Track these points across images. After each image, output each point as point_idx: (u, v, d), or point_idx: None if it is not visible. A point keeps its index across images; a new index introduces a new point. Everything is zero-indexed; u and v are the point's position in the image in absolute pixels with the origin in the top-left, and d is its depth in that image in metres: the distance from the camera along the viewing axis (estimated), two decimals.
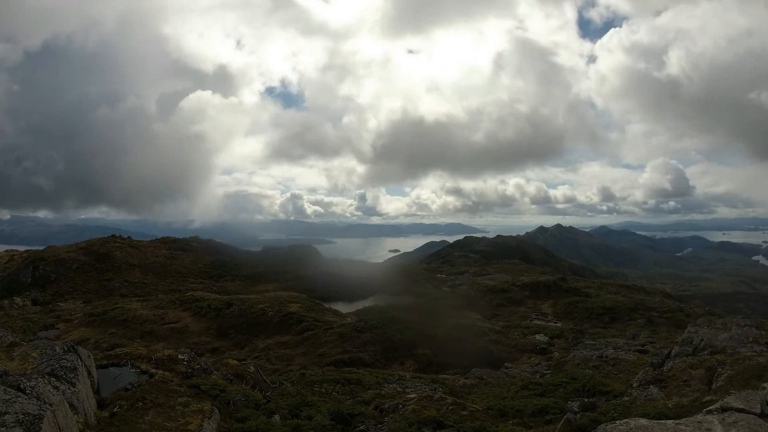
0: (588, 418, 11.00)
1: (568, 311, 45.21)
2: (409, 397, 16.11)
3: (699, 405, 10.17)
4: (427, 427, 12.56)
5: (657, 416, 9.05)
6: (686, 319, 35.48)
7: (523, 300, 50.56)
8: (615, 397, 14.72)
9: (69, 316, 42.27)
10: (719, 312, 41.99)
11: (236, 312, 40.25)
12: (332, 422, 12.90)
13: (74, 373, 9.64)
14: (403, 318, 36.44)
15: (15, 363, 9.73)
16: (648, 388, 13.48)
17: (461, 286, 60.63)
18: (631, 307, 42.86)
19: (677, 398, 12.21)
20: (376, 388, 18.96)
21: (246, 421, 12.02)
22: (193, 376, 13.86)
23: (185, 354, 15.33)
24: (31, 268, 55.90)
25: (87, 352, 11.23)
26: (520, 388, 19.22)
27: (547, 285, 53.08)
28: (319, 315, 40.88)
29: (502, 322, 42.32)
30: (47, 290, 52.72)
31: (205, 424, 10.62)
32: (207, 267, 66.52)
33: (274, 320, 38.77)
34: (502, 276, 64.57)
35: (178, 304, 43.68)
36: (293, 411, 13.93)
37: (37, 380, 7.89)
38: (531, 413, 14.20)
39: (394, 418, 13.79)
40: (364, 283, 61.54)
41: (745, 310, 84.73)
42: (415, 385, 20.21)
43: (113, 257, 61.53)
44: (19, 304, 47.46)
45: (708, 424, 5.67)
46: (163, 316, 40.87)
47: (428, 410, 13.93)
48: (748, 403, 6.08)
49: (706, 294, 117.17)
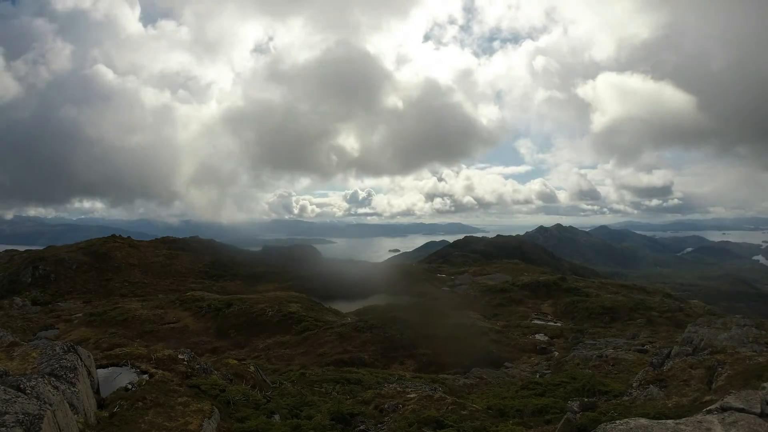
0: (588, 417, 11.00)
1: (568, 311, 45.20)
2: (409, 397, 16.11)
3: (699, 405, 10.17)
4: (427, 426, 12.56)
5: (657, 416, 9.07)
6: (686, 319, 35.49)
7: (523, 300, 50.55)
8: (615, 397, 14.72)
9: (69, 316, 42.27)
10: (719, 312, 41.96)
11: (236, 312, 40.24)
12: (332, 422, 12.90)
13: (74, 373, 9.64)
14: (403, 318, 36.42)
15: (15, 363, 9.73)
16: (648, 387, 13.47)
17: (461, 286, 60.58)
18: (631, 307, 42.84)
19: (677, 398, 12.21)
20: (376, 388, 18.97)
21: (246, 420, 12.03)
22: (193, 376, 13.88)
23: (185, 354, 15.36)
24: (31, 268, 55.97)
25: (87, 352, 11.24)
26: (520, 388, 19.26)
27: (547, 285, 53.06)
28: (319, 315, 40.87)
29: (502, 322, 42.30)
30: (47, 290, 52.78)
31: (205, 423, 10.64)
32: (207, 267, 66.60)
33: (274, 320, 38.75)
34: (502, 276, 64.54)
35: (178, 304, 43.69)
36: (293, 411, 13.94)
37: (37, 380, 7.90)
38: (531, 413, 14.21)
39: (394, 418, 13.79)
40: (364, 283, 61.56)
41: (745, 310, 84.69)
42: (415, 385, 20.22)
43: (113, 257, 61.59)
44: (19, 304, 47.48)
45: (708, 424, 5.67)
46: (163, 316, 40.88)
47: (428, 410, 13.93)
48: (748, 403, 6.08)
49: (706, 294, 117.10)
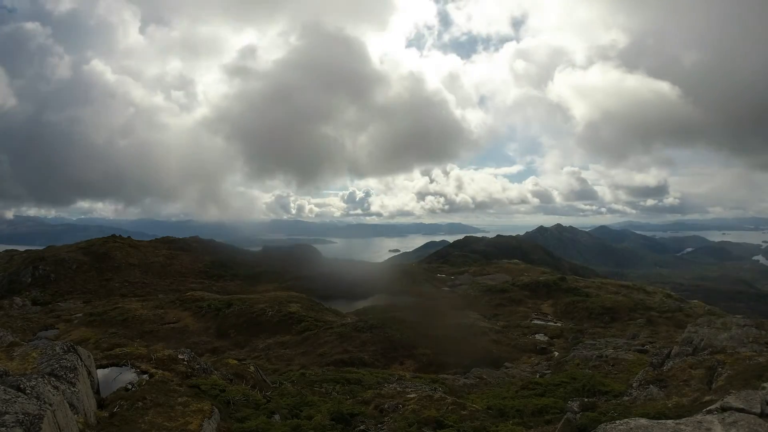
0: (588, 417, 10.99)
1: (568, 311, 45.19)
2: (409, 397, 16.11)
3: (699, 405, 10.17)
4: (427, 426, 12.56)
5: (657, 416, 9.06)
6: (686, 319, 35.48)
7: (523, 300, 50.53)
8: (615, 397, 14.71)
9: (69, 316, 42.26)
10: (719, 312, 41.92)
11: (236, 312, 40.24)
12: (332, 422, 12.90)
13: (74, 373, 9.64)
14: (403, 318, 36.42)
15: (15, 363, 9.73)
16: (648, 387, 13.46)
17: (461, 286, 60.58)
18: (631, 307, 42.84)
19: (677, 398, 12.20)
20: (376, 388, 18.97)
21: (246, 420, 12.03)
22: (193, 376, 13.88)
23: (185, 354, 15.35)
24: (31, 268, 55.95)
25: (87, 352, 11.24)
26: (520, 388, 19.25)
27: (547, 285, 53.04)
28: (319, 315, 40.86)
29: (502, 322, 42.30)
30: (47, 290, 52.76)
31: (205, 423, 10.63)
32: (207, 267, 66.56)
33: (273, 320, 38.75)
34: (502, 276, 64.53)
35: (178, 304, 43.70)
36: (293, 411, 13.94)
37: (37, 380, 7.90)
38: (531, 413, 14.20)
39: (394, 418, 13.78)
40: (364, 283, 61.51)
41: (745, 310, 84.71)
42: (415, 385, 20.22)
43: (113, 257, 61.58)
44: (19, 304, 47.50)
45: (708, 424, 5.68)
46: (163, 316, 40.87)
47: (428, 410, 13.92)
48: (748, 403, 6.08)
49: (706, 294, 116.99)
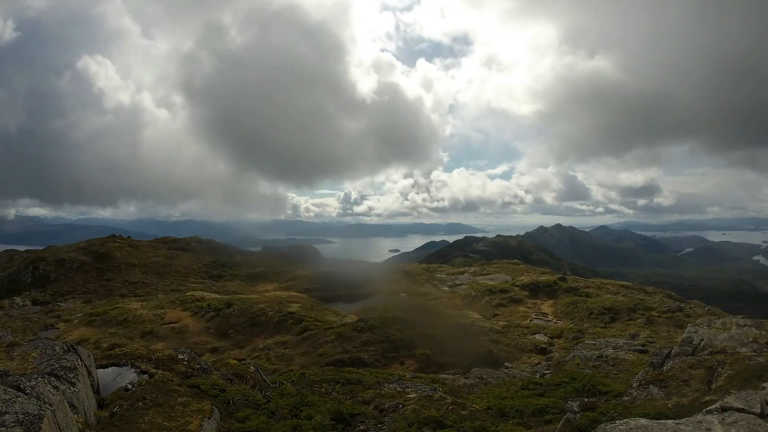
0: (588, 417, 11.00)
1: (568, 311, 45.18)
2: (409, 397, 16.10)
3: (699, 405, 10.17)
4: (427, 426, 12.55)
5: (657, 416, 9.05)
6: (686, 319, 35.50)
7: (523, 300, 50.50)
8: (615, 397, 14.71)
9: (69, 316, 42.25)
10: (719, 312, 41.91)
11: (236, 312, 40.24)
12: (332, 422, 12.88)
13: (74, 372, 9.63)
14: (403, 318, 36.40)
15: (15, 363, 9.72)
16: (648, 387, 13.47)
17: (461, 286, 60.53)
18: (631, 307, 42.80)
19: (677, 398, 12.20)
20: (376, 388, 18.95)
21: (246, 420, 12.02)
22: (193, 376, 13.86)
23: (185, 354, 15.33)
24: (31, 268, 55.97)
25: (87, 352, 11.23)
26: (520, 388, 19.24)
27: (547, 285, 53.02)
28: (319, 315, 40.87)
29: (502, 322, 42.27)
30: (47, 290, 52.76)
31: (205, 423, 10.62)
32: (207, 267, 66.57)
33: (274, 320, 38.76)
34: (502, 276, 64.48)
35: (178, 304, 43.69)
36: (293, 411, 13.92)
37: (37, 380, 7.89)
38: (531, 413, 14.19)
39: (394, 418, 13.77)
40: (364, 283, 61.54)
41: (745, 310, 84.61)
42: (415, 385, 20.20)
43: (113, 257, 61.59)
44: (19, 304, 47.50)
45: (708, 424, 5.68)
46: (163, 316, 40.86)
47: (428, 410, 13.91)
48: (747, 403, 6.08)
49: (706, 294, 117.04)
